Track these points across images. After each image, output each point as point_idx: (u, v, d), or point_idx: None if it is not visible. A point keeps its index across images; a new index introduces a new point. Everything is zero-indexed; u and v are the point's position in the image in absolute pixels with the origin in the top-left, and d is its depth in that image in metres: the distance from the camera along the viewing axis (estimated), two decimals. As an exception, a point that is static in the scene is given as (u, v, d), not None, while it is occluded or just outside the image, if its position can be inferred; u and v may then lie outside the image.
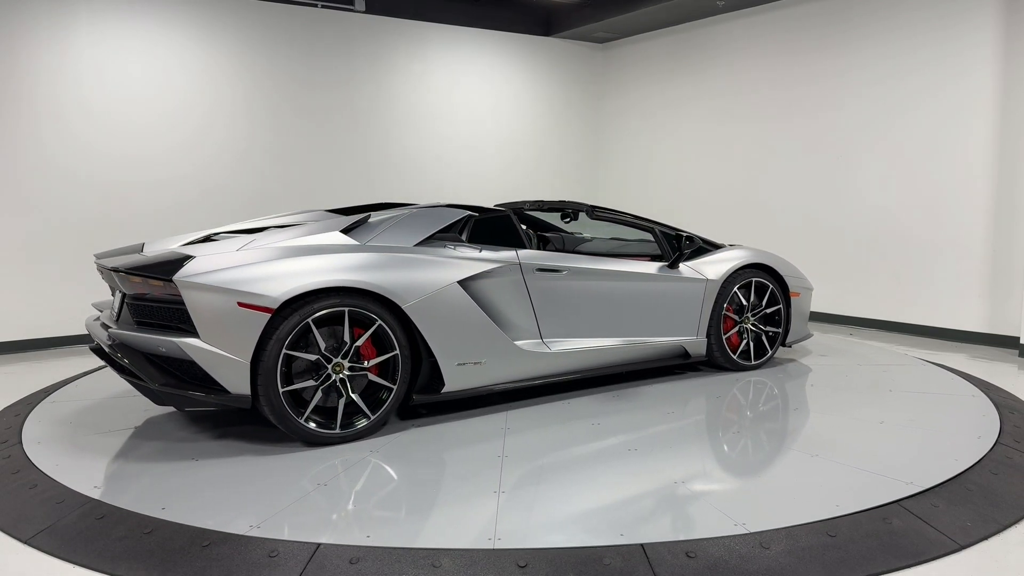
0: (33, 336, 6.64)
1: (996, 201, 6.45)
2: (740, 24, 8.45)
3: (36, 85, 6.54)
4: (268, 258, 3.75)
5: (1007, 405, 4.51)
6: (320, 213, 4.96)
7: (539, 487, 3.28)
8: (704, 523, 2.88)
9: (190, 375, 3.58)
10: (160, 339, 3.53)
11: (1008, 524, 2.94)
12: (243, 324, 3.53)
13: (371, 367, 3.85)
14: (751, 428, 4.16)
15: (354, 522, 2.96)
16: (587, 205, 5.03)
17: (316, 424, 3.74)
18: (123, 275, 3.72)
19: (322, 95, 8.03)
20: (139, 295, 3.74)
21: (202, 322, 3.51)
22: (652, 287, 4.98)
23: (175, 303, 3.58)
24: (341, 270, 3.78)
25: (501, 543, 2.74)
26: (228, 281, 3.56)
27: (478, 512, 3.01)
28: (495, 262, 4.29)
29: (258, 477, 3.39)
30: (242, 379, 3.55)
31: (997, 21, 6.39)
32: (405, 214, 4.34)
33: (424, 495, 3.25)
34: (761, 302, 5.44)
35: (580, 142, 10.10)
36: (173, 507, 3.05)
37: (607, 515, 2.97)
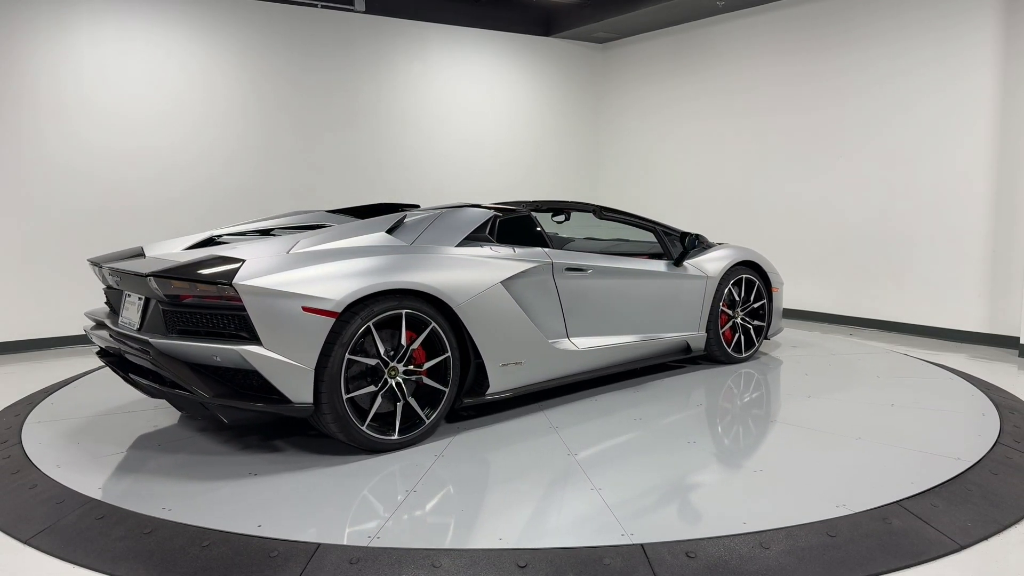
0: (33, 336, 6.64)
1: (996, 201, 6.45)
2: (740, 24, 8.45)
3: (36, 85, 6.54)
4: (324, 260, 3.60)
5: (1007, 405, 4.51)
6: (320, 214, 4.96)
7: (629, 476, 3.35)
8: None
9: (243, 385, 3.39)
10: (216, 348, 3.28)
11: (1008, 524, 2.94)
12: (308, 329, 3.37)
13: (424, 370, 3.77)
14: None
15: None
16: (593, 205, 5.12)
17: (372, 431, 3.63)
18: (163, 280, 3.42)
19: (322, 95, 8.03)
20: (181, 301, 3.44)
21: (265, 329, 3.30)
22: (663, 284, 5.15)
23: (230, 309, 3.35)
24: (398, 271, 3.70)
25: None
26: (291, 285, 3.39)
27: (579, 507, 3.06)
28: (531, 261, 4.32)
29: (318, 486, 3.39)
30: (306, 387, 3.37)
31: (997, 21, 6.39)
32: (438, 214, 4.26)
33: (525, 496, 3.21)
34: (749, 297, 5.71)
35: (580, 142, 10.10)
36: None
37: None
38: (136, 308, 3.74)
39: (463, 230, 4.23)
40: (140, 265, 3.72)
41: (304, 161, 7.96)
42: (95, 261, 4.15)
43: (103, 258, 4.16)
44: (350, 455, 3.64)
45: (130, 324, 3.73)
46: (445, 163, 8.94)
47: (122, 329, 3.75)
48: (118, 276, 3.79)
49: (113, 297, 4.14)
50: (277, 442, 3.84)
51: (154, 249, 4.17)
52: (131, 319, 3.74)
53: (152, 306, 3.62)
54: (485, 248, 4.22)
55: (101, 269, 4.04)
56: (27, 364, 6.10)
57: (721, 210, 8.75)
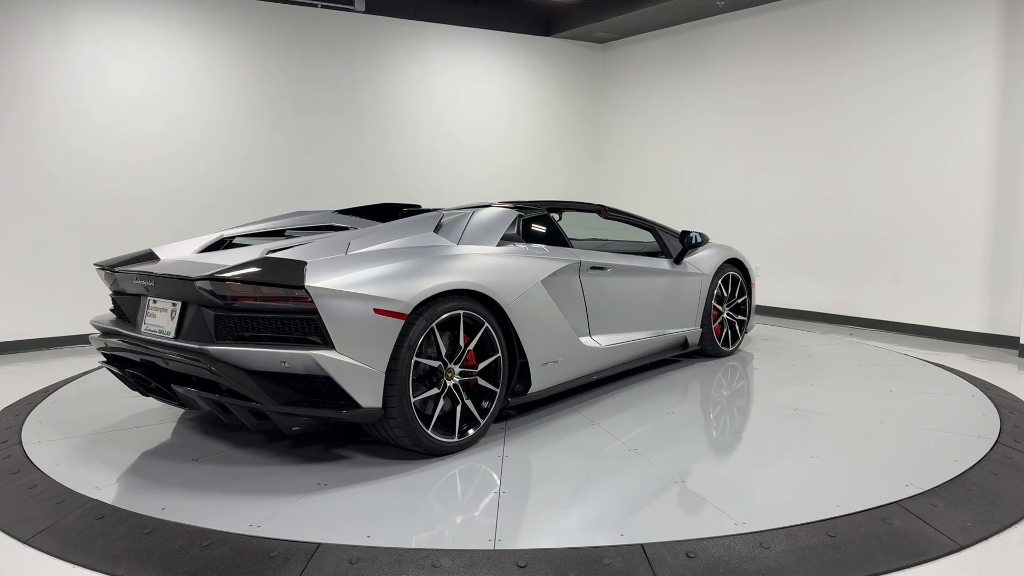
0: (33, 336, 6.64)
1: (996, 201, 6.45)
2: (740, 24, 8.45)
3: (36, 86, 6.54)
4: (385, 261, 3.52)
5: (1007, 405, 4.51)
6: (327, 214, 4.92)
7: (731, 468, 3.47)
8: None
9: (306, 391, 3.27)
10: (286, 353, 3.14)
11: (1008, 524, 2.94)
12: (379, 332, 3.29)
13: (479, 371, 3.75)
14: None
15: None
16: (596, 205, 5.17)
17: (435, 434, 3.56)
18: (222, 284, 3.24)
19: (322, 95, 8.03)
20: (239, 306, 3.26)
21: (338, 332, 3.19)
22: (669, 281, 5.30)
23: (300, 312, 3.21)
24: (457, 272, 3.67)
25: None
26: (362, 286, 3.30)
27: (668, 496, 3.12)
28: (563, 260, 4.35)
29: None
30: (375, 391, 3.29)
31: (997, 20, 6.39)
32: (471, 213, 4.20)
33: (629, 491, 3.25)
34: (734, 294, 5.97)
35: (579, 142, 10.10)
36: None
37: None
38: (169, 314, 3.53)
39: (498, 229, 4.21)
40: (174, 268, 3.55)
41: (304, 161, 7.96)
42: (105, 265, 3.98)
43: (111, 262, 4.01)
44: (406, 460, 3.57)
45: (161, 331, 3.54)
46: (444, 162, 8.94)
47: (149, 336, 3.55)
48: (150, 280, 3.59)
49: (127, 303, 3.91)
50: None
51: (166, 252, 4.05)
52: (161, 326, 3.55)
53: (193, 312, 3.43)
54: (521, 247, 4.24)
55: (114, 273, 3.87)
56: (27, 364, 6.10)
57: (721, 209, 8.74)
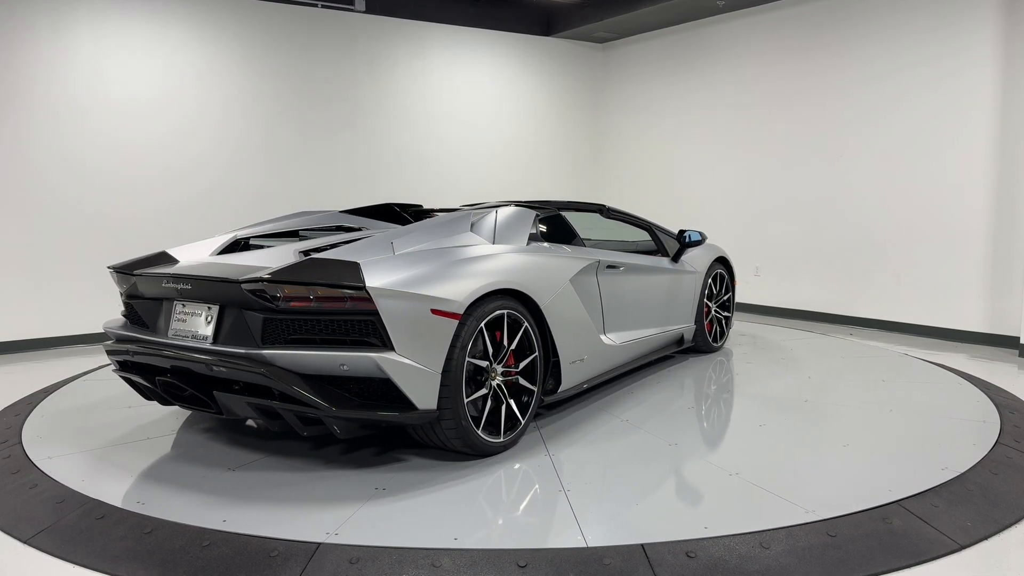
0: (33, 336, 6.64)
1: (996, 201, 6.45)
2: (740, 24, 8.45)
3: (36, 86, 6.54)
4: (435, 262, 3.48)
5: (1007, 405, 4.51)
6: (333, 214, 4.89)
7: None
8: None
9: (362, 394, 3.23)
10: (346, 356, 3.08)
11: (1008, 524, 2.94)
12: (435, 332, 3.27)
13: (519, 370, 3.73)
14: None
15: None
16: (598, 205, 5.23)
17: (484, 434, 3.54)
18: (273, 286, 3.16)
19: (322, 95, 8.03)
20: (291, 309, 3.17)
21: (398, 333, 3.15)
22: (671, 279, 5.39)
23: (358, 314, 3.14)
24: (501, 271, 3.66)
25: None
26: (419, 287, 3.26)
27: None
28: (584, 259, 4.37)
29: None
30: (432, 393, 3.26)
31: (997, 20, 6.39)
32: (495, 212, 4.17)
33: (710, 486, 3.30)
34: (720, 291, 6.12)
35: (579, 142, 10.10)
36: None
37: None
38: (203, 318, 3.41)
39: (525, 229, 4.20)
40: (207, 270, 3.47)
41: (303, 160, 7.96)
42: (121, 268, 3.85)
43: (126, 264, 3.86)
44: (457, 461, 3.54)
45: (195, 336, 3.41)
46: (444, 162, 8.94)
47: (180, 342, 3.42)
48: (182, 283, 3.46)
49: (147, 307, 3.75)
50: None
51: (181, 253, 3.95)
52: (195, 330, 3.43)
53: (234, 315, 3.32)
54: (546, 246, 4.26)
55: (133, 276, 3.74)
56: (27, 364, 6.10)
57: (721, 209, 8.74)
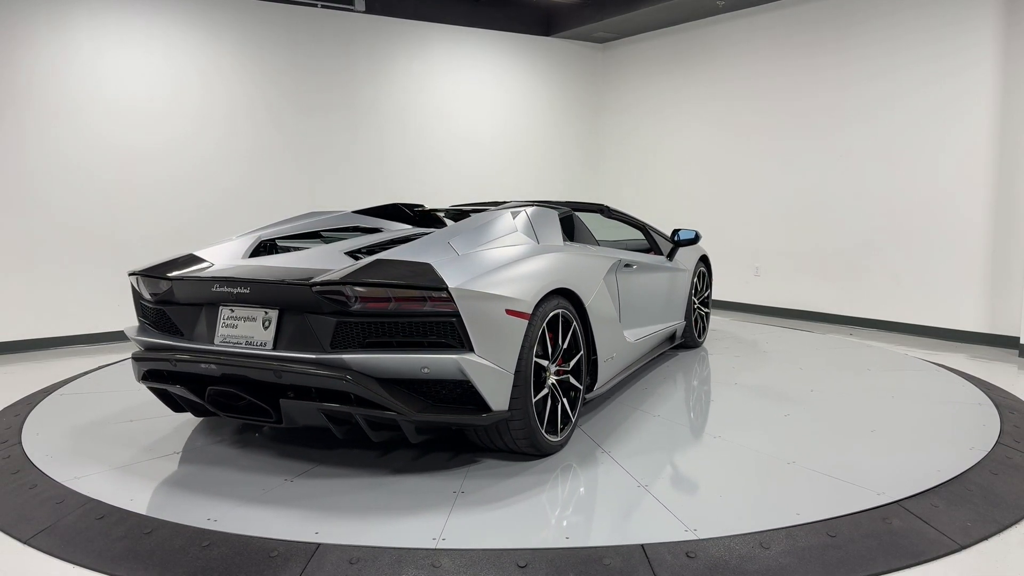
0: (33, 336, 6.64)
1: (996, 201, 6.45)
2: (740, 24, 8.45)
3: (37, 86, 6.54)
4: (499, 262, 3.46)
5: (1007, 405, 4.51)
6: (348, 215, 4.84)
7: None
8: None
9: (436, 396, 3.20)
10: (427, 358, 3.04)
11: (1008, 524, 2.94)
12: (508, 333, 3.26)
13: (569, 369, 3.73)
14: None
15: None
16: (598, 204, 5.30)
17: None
18: (347, 287, 3.08)
19: (322, 95, 8.03)
20: (367, 311, 3.10)
21: (477, 334, 3.12)
22: (670, 277, 5.48)
23: (438, 316, 3.08)
24: (557, 271, 3.68)
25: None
26: (494, 287, 3.25)
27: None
28: (610, 258, 4.40)
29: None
30: (506, 393, 3.24)
31: (996, 19, 6.39)
32: (526, 211, 4.14)
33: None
34: (702, 288, 6.26)
35: (579, 142, 10.10)
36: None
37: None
38: (260, 323, 3.29)
39: (557, 228, 4.21)
40: (262, 273, 3.37)
41: (303, 160, 7.96)
42: (151, 272, 3.65)
43: (155, 268, 3.67)
44: (521, 462, 3.53)
45: (251, 342, 3.28)
46: (445, 162, 8.94)
47: (233, 348, 3.28)
48: (242, 287, 3.31)
49: (181, 313, 3.56)
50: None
51: (214, 256, 3.81)
52: (250, 336, 3.29)
53: (296, 319, 3.23)
54: (578, 246, 4.28)
55: (169, 280, 3.52)
56: (27, 364, 6.10)
57: (720, 209, 8.75)
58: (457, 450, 3.70)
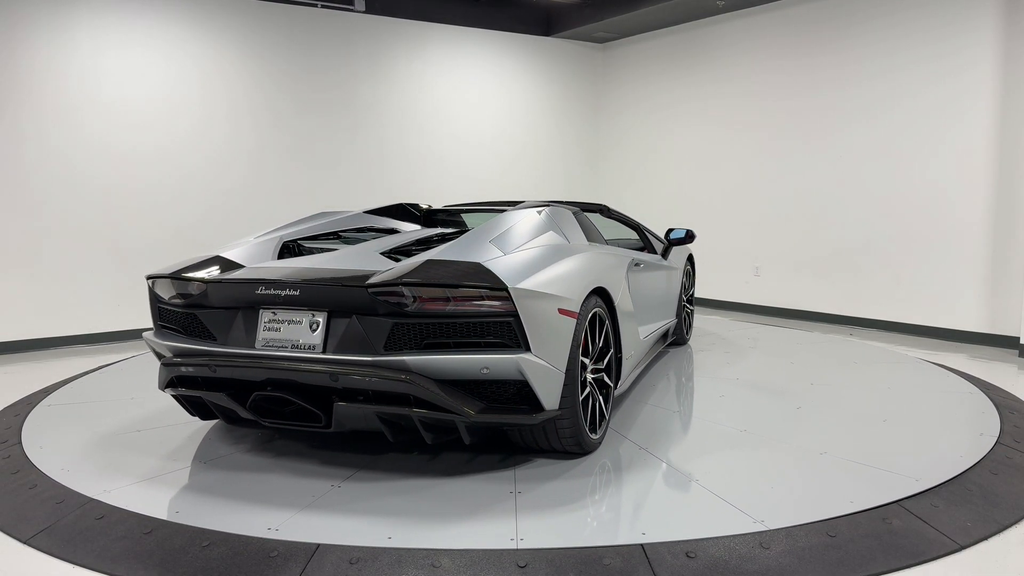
0: (33, 336, 6.64)
1: (996, 201, 6.45)
2: (740, 24, 8.45)
3: (37, 86, 6.54)
4: (542, 261, 3.44)
5: (1007, 405, 4.51)
6: (359, 214, 4.79)
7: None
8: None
9: (491, 397, 3.17)
10: (487, 359, 3.01)
11: (1008, 524, 2.94)
12: (560, 332, 3.26)
13: (603, 367, 3.75)
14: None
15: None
16: (598, 205, 5.35)
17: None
18: (410, 288, 3.03)
19: (322, 95, 8.03)
20: (424, 312, 3.04)
21: (534, 334, 3.09)
22: (667, 276, 5.54)
23: (496, 315, 3.05)
24: (594, 270, 3.72)
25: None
26: (546, 286, 3.23)
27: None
28: (626, 257, 4.42)
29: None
30: (557, 393, 3.24)
31: (996, 19, 6.38)
32: (549, 211, 4.13)
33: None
34: (688, 286, 6.32)
35: (580, 142, 10.10)
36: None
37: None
38: (307, 325, 3.20)
39: (578, 228, 4.22)
40: (309, 275, 3.28)
41: (303, 160, 7.96)
42: (181, 274, 3.48)
43: (185, 271, 3.51)
44: (565, 460, 3.54)
45: (297, 345, 3.19)
46: (445, 162, 8.94)
47: (277, 352, 3.19)
48: (291, 289, 3.21)
49: (215, 317, 3.42)
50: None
51: (243, 257, 3.69)
52: (296, 339, 3.20)
53: (346, 321, 3.16)
54: (596, 245, 4.28)
55: (205, 283, 3.38)
56: (27, 364, 6.10)
57: (721, 209, 8.75)
58: (476, 452, 3.68)
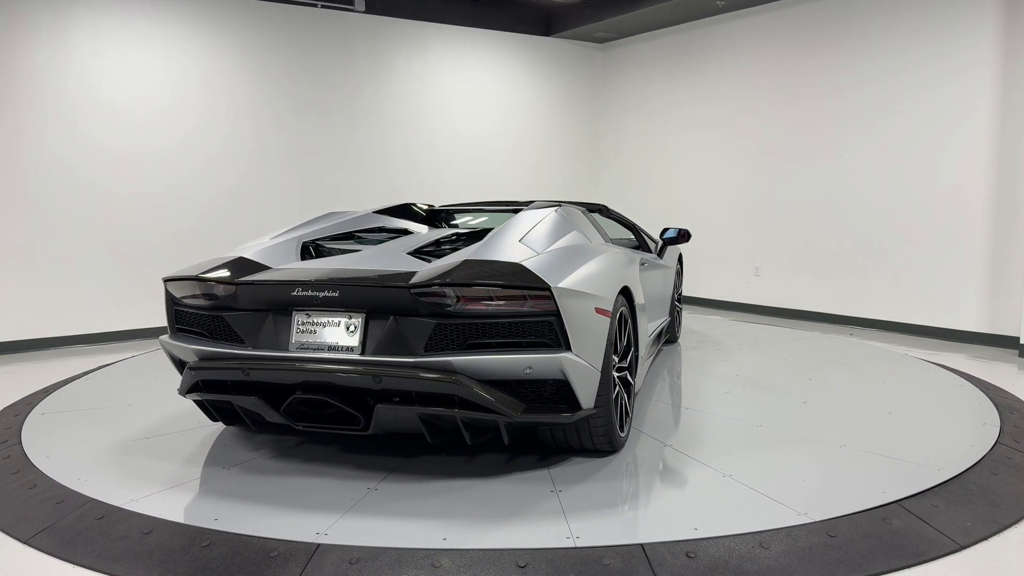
0: (33, 336, 6.64)
1: (996, 201, 6.45)
2: (740, 24, 8.45)
3: (37, 86, 6.54)
4: (574, 260, 3.45)
5: (1007, 405, 4.51)
6: (369, 215, 4.73)
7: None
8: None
9: (531, 397, 3.16)
10: (531, 358, 3.01)
11: (1008, 524, 2.94)
12: (597, 331, 3.27)
13: (627, 366, 3.76)
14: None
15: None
16: (598, 205, 5.38)
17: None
18: (453, 288, 3.02)
19: (322, 95, 8.03)
20: (467, 312, 3.04)
21: (574, 333, 3.09)
22: (663, 274, 5.55)
23: (538, 315, 3.04)
24: (619, 270, 3.74)
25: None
26: (584, 286, 3.24)
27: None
28: (636, 256, 4.45)
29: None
30: (593, 391, 3.24)
31: (996, 19, 6.38)
32: (572, 210, 4.12)
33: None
34: (678, 284, 6.37)
35: (579, 142, 10.10)
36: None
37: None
38: (344, 327, 3.17)
39: (592, 227, 4.24)
40: (363, 276, 3.25)
41: (303, 160, 7.96)
42: (210, 276, 3.38)
43: (210, 272, 3.42)
44: (595, 459, 3.55)
45: (335, 347, 3.16)
46: (445, 162, 8.94)
47: (314, 354, 3.15)
48: (331, 290, 3.16)
49: (243, 320, 3.33)
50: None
51: (270, 259, 3.60)
52: (333, 341, 3.16)
53: (386, 323, 3.13)
54: (611, 244, 4.30)
55: (235, 285, 3.29)
56: (27, 364, 6.10)
57: (720, 209, 8.74)
58: (513, 452, 3.68)
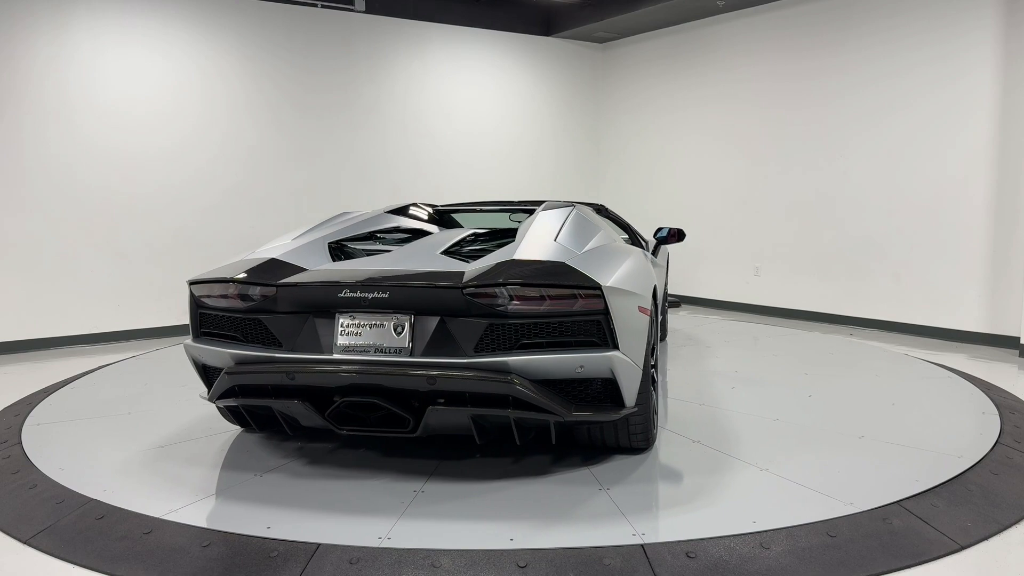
0: (33, 336, 6.64)
1: (996, 201, 6.45)
2: (740, 24, 8.45)
3: (36, 86, 6.54)
4: (609, 260, 3.47)
5: (1007, 405, 4.51)
6: (382, 215, 4.64)
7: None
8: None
9: (578, 395, 3.17)
10: (583, 357, 3.01)
11: (1008, 524, 2.94)
12: (640, 329, 3.30)
13: (653, 364, 3.75)
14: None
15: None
16: (596, 205, 5.34)
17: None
18: (506, 288, 3.02)
19: (322, 95, 8.03)
20: (518, 312, 3.02)
21: (622, 332, 3.11)
22: (659, 273, 5.46)
23: (588, 314, 3.04)
24: (647, 269, 3.76)
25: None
26: (630, 285, 3.26)
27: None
28: (643, 254, 4.43)
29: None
30: (636, 389, 3.24)
31: (997, 20, 6.39)
32: (575, 211, 4.11)
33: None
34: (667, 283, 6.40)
35: (580, 141, 10.10)
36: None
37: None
38: (391, 329, 3.12)
39: (609, 227, 4.26)
40: (413, 276, 3.22)
41: (304, 161, 7.96)
42: (250, 278, 3.31)
43: (246, 275, 3.34)
44: (628, 457, 3.57)
45: (381, 348, 3.11)
46: (445, 162, 8.94)
47: (361, 356, 3.11)
48: (382, 291, 3.12)
49: (281, 323, 3.26)
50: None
51: (302, 260, 3.53)
52: (380, 343, 3.12)
53: (435, 323, 3.10)
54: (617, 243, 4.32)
55: (276, 288, 3.22)
56: (27, 364, 6.10)
57: (720, 209, 8.75)
58: (556, 453, 3.68)
